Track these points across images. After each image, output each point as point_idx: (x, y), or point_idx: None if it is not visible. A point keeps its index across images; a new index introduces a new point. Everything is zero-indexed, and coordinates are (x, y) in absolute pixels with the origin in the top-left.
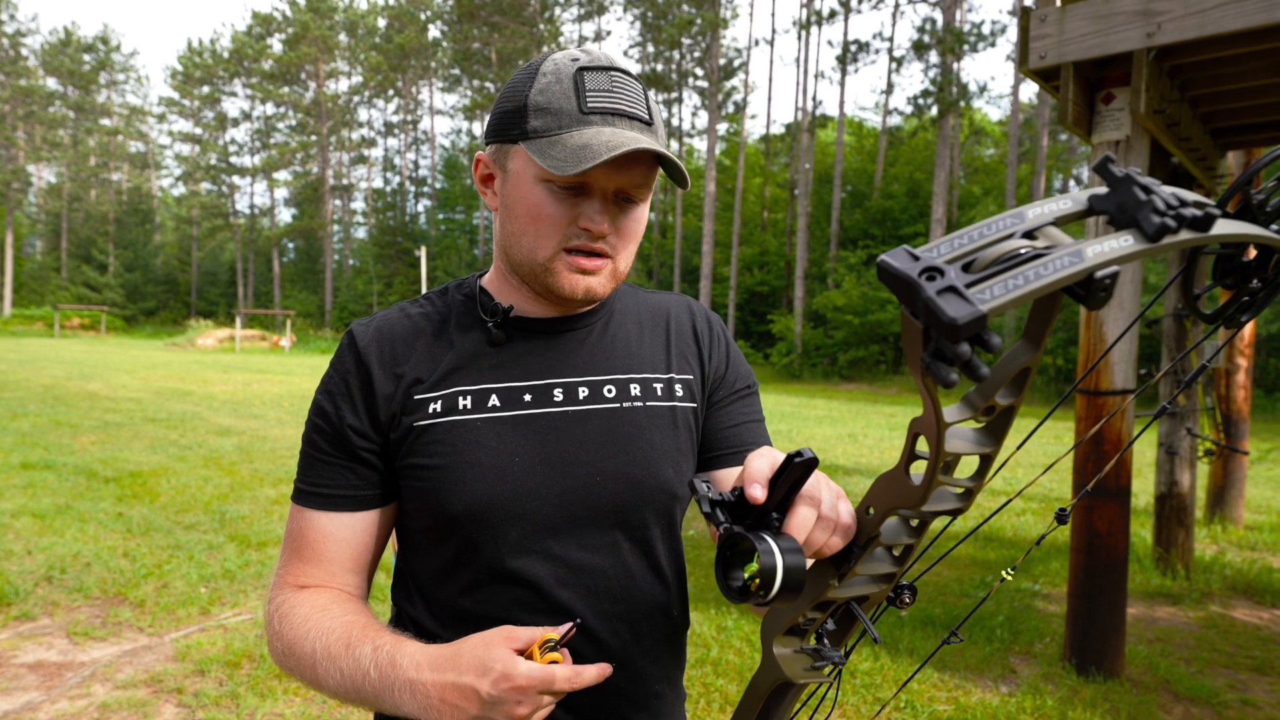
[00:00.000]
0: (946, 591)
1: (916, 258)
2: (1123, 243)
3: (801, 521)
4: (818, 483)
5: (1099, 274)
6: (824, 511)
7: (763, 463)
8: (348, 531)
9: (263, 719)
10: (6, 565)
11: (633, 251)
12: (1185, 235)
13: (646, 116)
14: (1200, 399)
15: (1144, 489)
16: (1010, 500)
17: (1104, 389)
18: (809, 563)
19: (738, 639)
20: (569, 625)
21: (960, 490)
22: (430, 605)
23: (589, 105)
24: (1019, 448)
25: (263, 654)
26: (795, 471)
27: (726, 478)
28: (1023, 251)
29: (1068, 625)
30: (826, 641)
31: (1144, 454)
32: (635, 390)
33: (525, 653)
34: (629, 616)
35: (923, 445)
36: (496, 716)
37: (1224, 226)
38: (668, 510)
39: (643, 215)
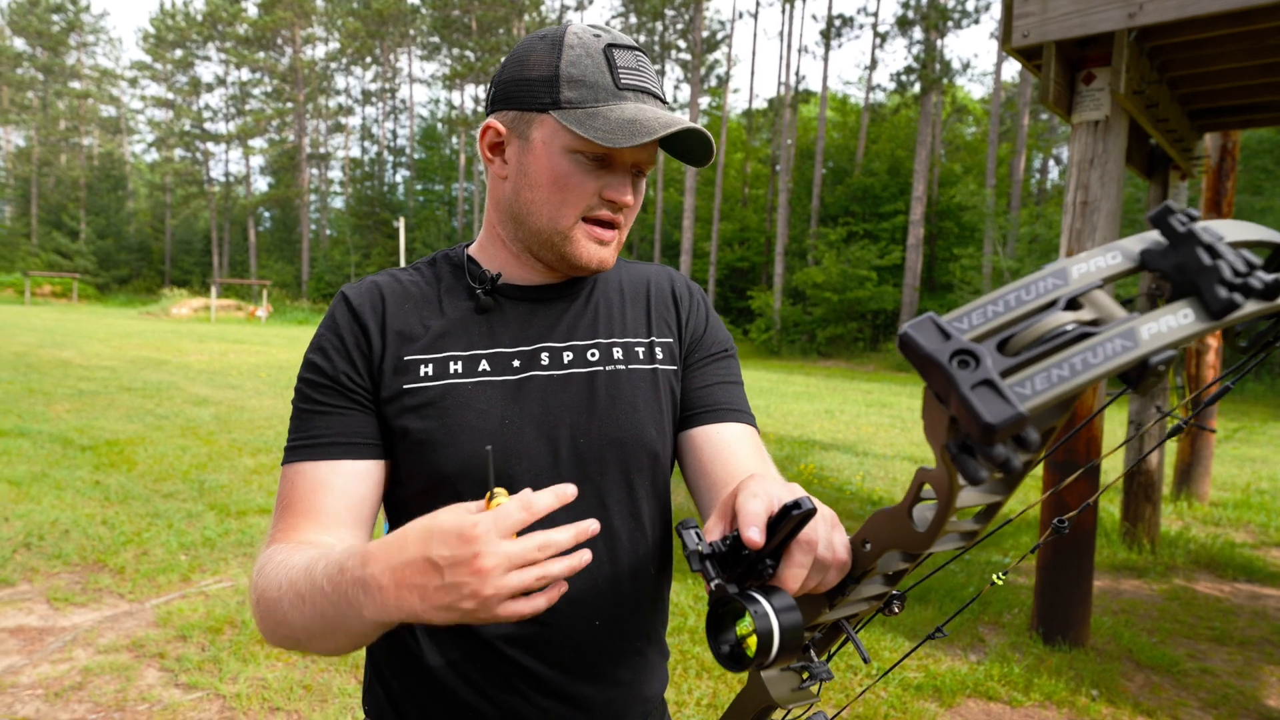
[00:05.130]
0: (918, 565)
1: (946, 334)
2: (1182, 320)
3: (797, 571)
4: (814, 519)
5: (1153, 360)
6: (820, 552)
7: (758, 504)
8: (344, 480)
9: (245, 683)
10: None
11: (632, 223)
12: (1252, 308)
13: (664, 96)
14: (1170, 378)
15: (1114, 466)
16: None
17: None
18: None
19: None
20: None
21: (965, 531)
22: None
23: (623, 82)
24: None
25: (244, 620)
26: (793, 522)
27: (703, 439)
28: (1068, 328)
29: (1036, 596)
30: (813, 653)
31: (1114, 432)
32: (618, 354)
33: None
34: (613, 576)
35: (929, 488)
36: (462, 579)
37: None
38: (652, 470)
39: (644, 187)
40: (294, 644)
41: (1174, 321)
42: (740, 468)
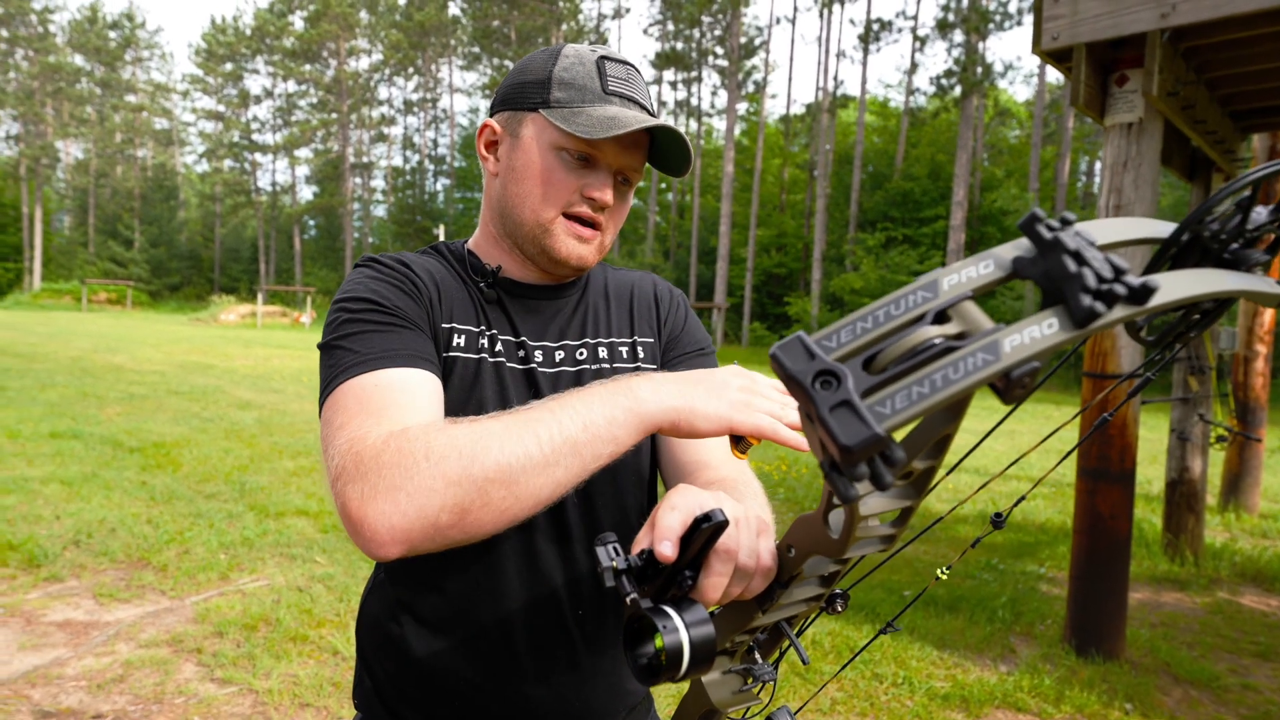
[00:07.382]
0: (952, 573)
1: (812, 354)
2: (1045, 330)
3: (716, 581)
4: (735, 529)
5: (1016, 373)
6: (742, 560)
7: (674, 517)
8: (434, 386)
9: (278, 679)
10: (36, 529)
11: (617, 232)
12: (1119, 313)
13: (653, 110)
14: (1214, 385)
15: (1158, 475)
16: (966, 491)
17: (1110, 373)
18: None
19: None
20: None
21: (882, 535)
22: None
23: (611, 88)
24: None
25: (278, 618)
26: (704, 535)
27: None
28: (936, 342)
29: (1068, 606)
30: (758, 655)
31: (1159, 441)
32: (603, 354)
33: None
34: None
35: None
36: (738, 388)
37: (1166, 292)
38: (636, 465)
39: (631, 199)
40: (474, 487)
41: (1037, 332)
42: (708, 458)
